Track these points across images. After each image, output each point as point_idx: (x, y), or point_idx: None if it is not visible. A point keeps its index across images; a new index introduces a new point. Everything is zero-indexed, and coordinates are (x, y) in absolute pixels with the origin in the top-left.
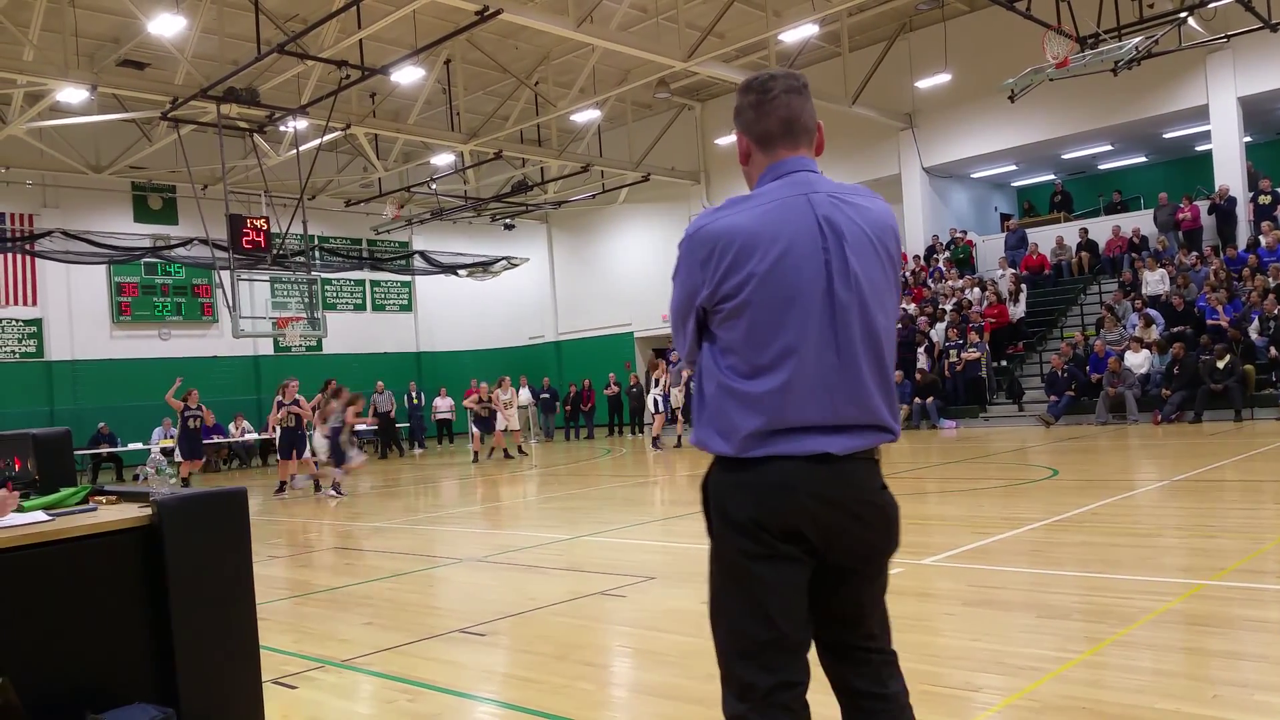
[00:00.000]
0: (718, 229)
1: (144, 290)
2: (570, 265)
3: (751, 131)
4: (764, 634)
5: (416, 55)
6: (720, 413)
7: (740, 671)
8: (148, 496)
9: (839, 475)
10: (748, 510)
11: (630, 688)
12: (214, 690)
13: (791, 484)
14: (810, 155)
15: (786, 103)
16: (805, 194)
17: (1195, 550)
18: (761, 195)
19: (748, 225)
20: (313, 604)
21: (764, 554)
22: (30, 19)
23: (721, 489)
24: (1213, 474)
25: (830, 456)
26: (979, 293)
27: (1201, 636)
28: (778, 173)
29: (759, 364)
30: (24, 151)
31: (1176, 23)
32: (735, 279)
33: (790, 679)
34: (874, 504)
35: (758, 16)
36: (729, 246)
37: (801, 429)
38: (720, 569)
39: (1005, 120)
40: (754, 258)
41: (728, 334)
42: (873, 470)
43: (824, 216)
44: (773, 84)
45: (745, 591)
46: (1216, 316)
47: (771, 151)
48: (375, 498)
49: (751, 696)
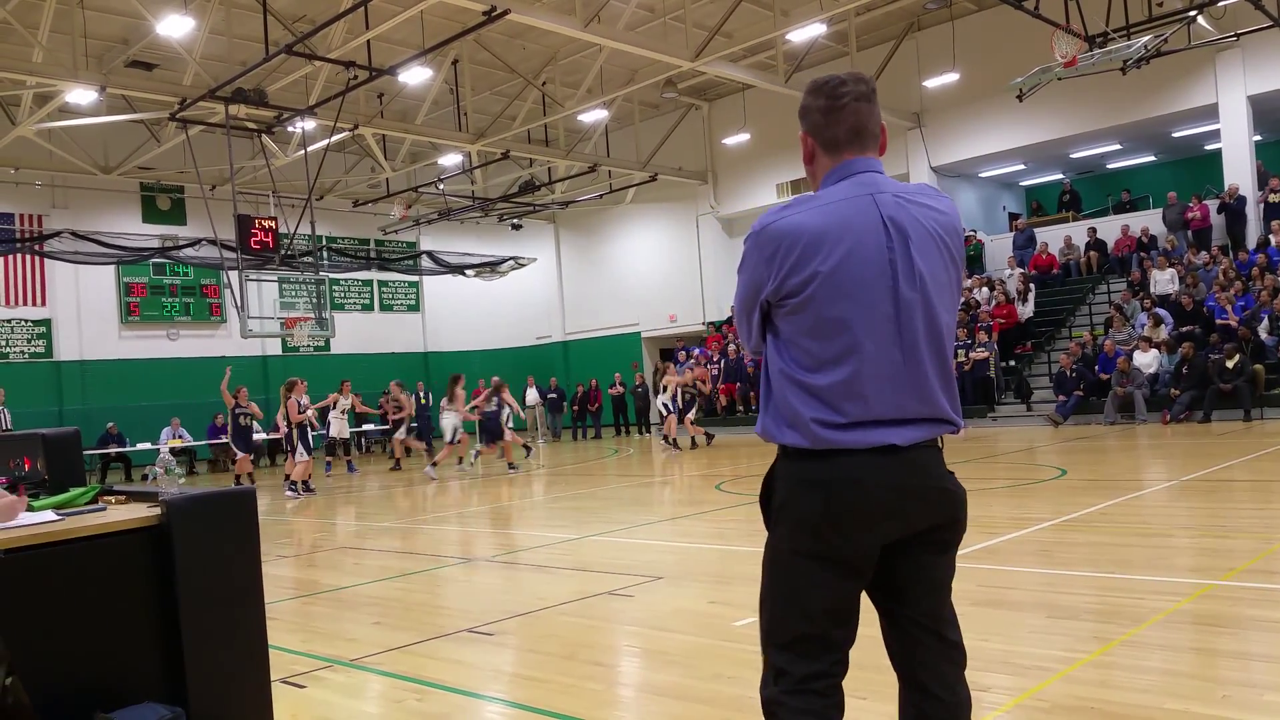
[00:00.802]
0: (784, 226)
1: (152, 290)
2: (577, 265)
3: (819, 135)
4: (804, 629)
5: (424, 55)
6: (785, 404)
7: (776, 659)
8: (157, 496)
9: (906, 464)
10: (816, 506)
11: (638, 687)
12: (223, 689)
13: (859, 476)
14: (876, 156)
15: (855, 109)
16: (871, 194)
17: (1205, 550)
18: (827, 195)
19: (814, 223)
20: (321, 603)
21: (820, 553)
22: (40, 20)
23: (788, 485)
24: (1222, 474)
25: (895, 448)
26: (987, 292)
27: (1211, 637)
28: (844, 173)
29: (823, 358)
30: (33, 152)
31: (1186, 21)
32: (800, 275)
33: (827, 669)
34: (942, 489)
35: (765, 16)
36: (795, 244)
37: (867, 422)
38: (773, 559)
39: (1013, 119)
40: (819, 255)
41: (792, 328)
42: (937, 457)
43: (889, 216)
44: (843, 90)
45: (792, 587)
46: (1226, 316)
47: (838, 155)
48: (383, 497)
49: (785, 681)
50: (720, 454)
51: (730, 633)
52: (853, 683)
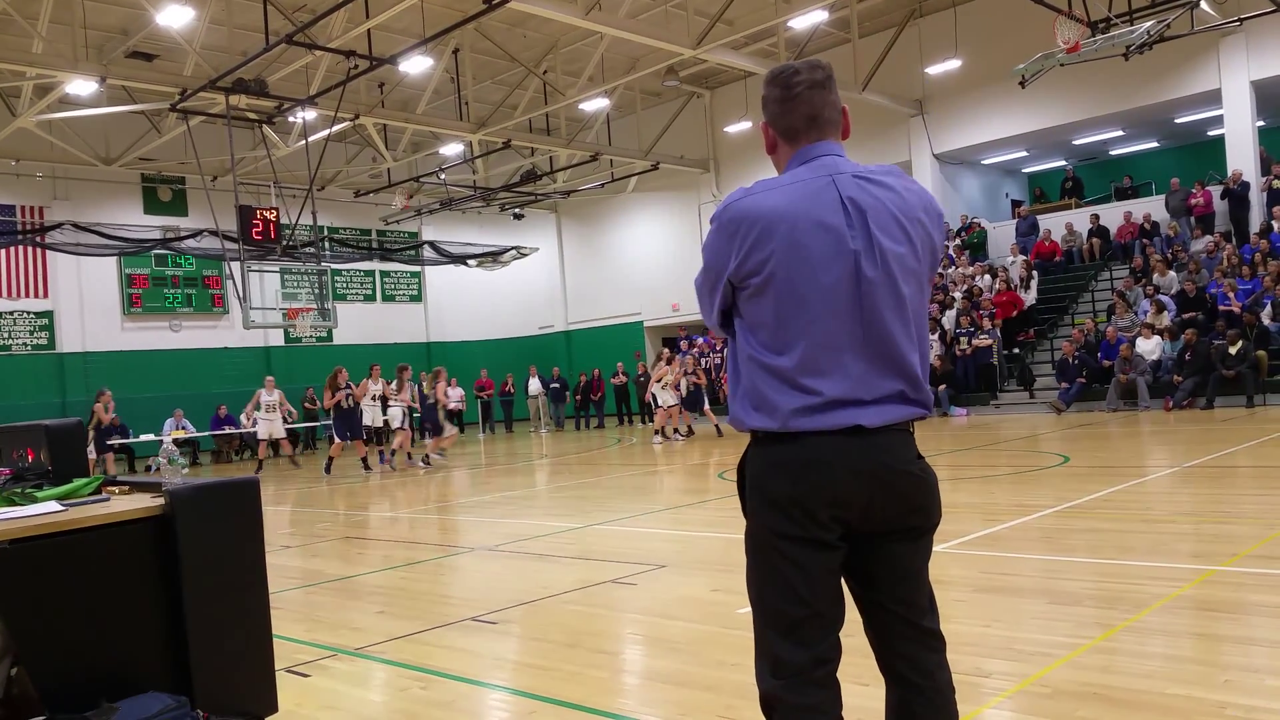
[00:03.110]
0: (744, 206)
1: (154, 282)
2: (579, 254)
3: (777, 125)
4: (797, 610)
5: (425, 44)
6: (753, 388)
7: (775, 648)
8: (160, 487)
9: (873, 447)
10: (784, 488)
11: (642, 675)
12: (227, 679)
13: (826, 458)
14: (837, 140)
15: (809, 98)
16: (830, 175)
17: (1207, 536)
18: (788, 177)
19: (773, 204)
20: (325, 593)
21: (797, 534)
22: (39, 11)
23: (758, 466)
24: (1225, 460)
25: (862, 429)
26: (990, 279)
27: (1214, 622)
28: (804, 158)
29: (787, 338)
30: (34, 144)
31: (1189, 6)
32: (759, 255)
33: (822, 655)
34: (910, 474)
35: (767, 3)
36: (754, 224)
37: (833, 402)
38: (755, 547)
39: (1016, 106)
40: (776, 236)
41: (756, 311)
42: (907, 441)
43: (849, 196)
44: (796, 79)
45: (778, 570)
46: (1228, 302)
47: (796, 142)
48: (387, 487)
49: (785, 673)
50: (726, 443)
51: (733, 620)
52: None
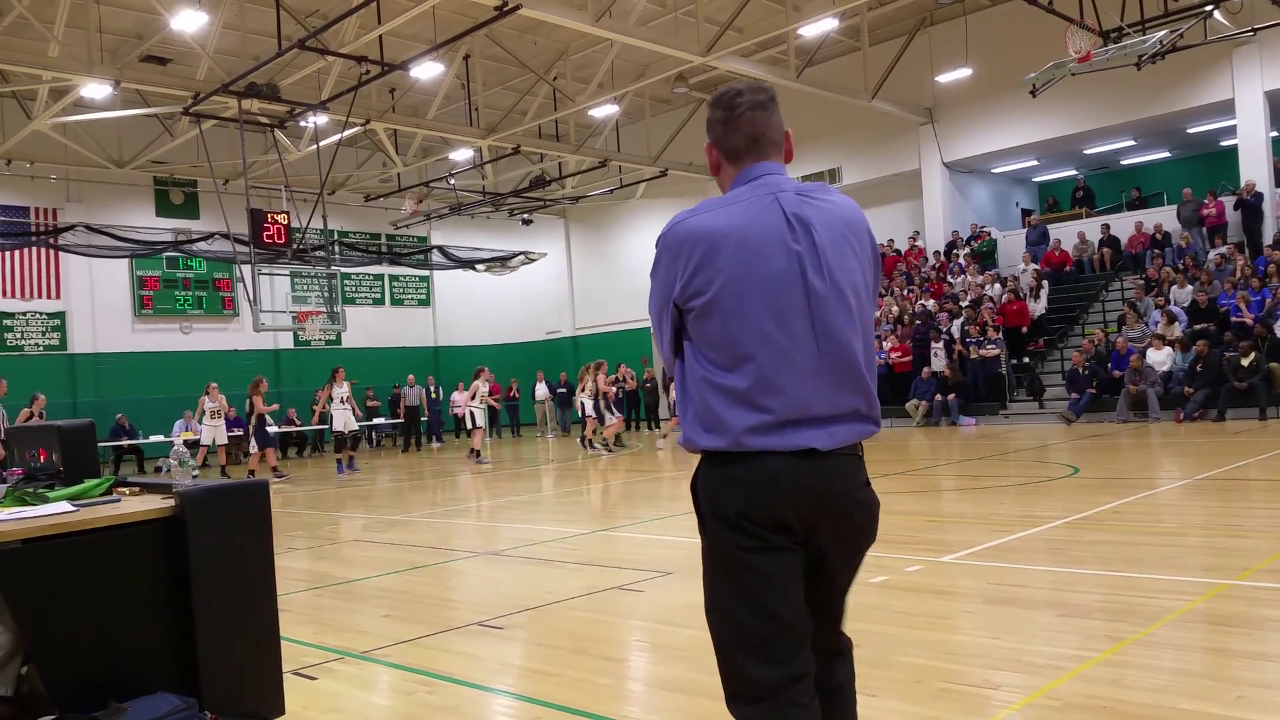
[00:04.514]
0: (689, 226)
1: (165, 284)
2: (587, 260)
3: (721, 146)
4: (765, 626)
5: (436, 50)
6: (705, 408)
7: (748, 669)
8: (170, 488)
9: (825, 471)
10: (737, 505)
11: (647, 682)
12: (235, 680)
13: (779, 479)
14: (779, 162)
15: (751, 119)
16: (773, 193)
17: (1219, 550)
18: (732, 197)
19: (716, 224)
20: (332, 596)
21: (756, 546)
22: (55, 15)
23: (710, 485)
24: (1237, 473)
25: (815, 452)
26: (999, 288)
27: (1225, 637)
28: (746, 178)
29: (738, 355)
30: (48, 146)
31: (1202, 16)
32: (704, 275)
33: (797, 671)
34: (858, 500)
35: (777, 10)
36: (698, 244)
37: (785, 422)
38: (714, 564)
39: (1027, 115)
40: (723, 254)
41: (704, 330)
42: (857, 466)
43: (793, 213)
44: (739, 100)
45: (742, 584)
46: (1241, 314)
47: (739, 163)
48: (393, 491)
49: (759, 693)
50: None
51: None
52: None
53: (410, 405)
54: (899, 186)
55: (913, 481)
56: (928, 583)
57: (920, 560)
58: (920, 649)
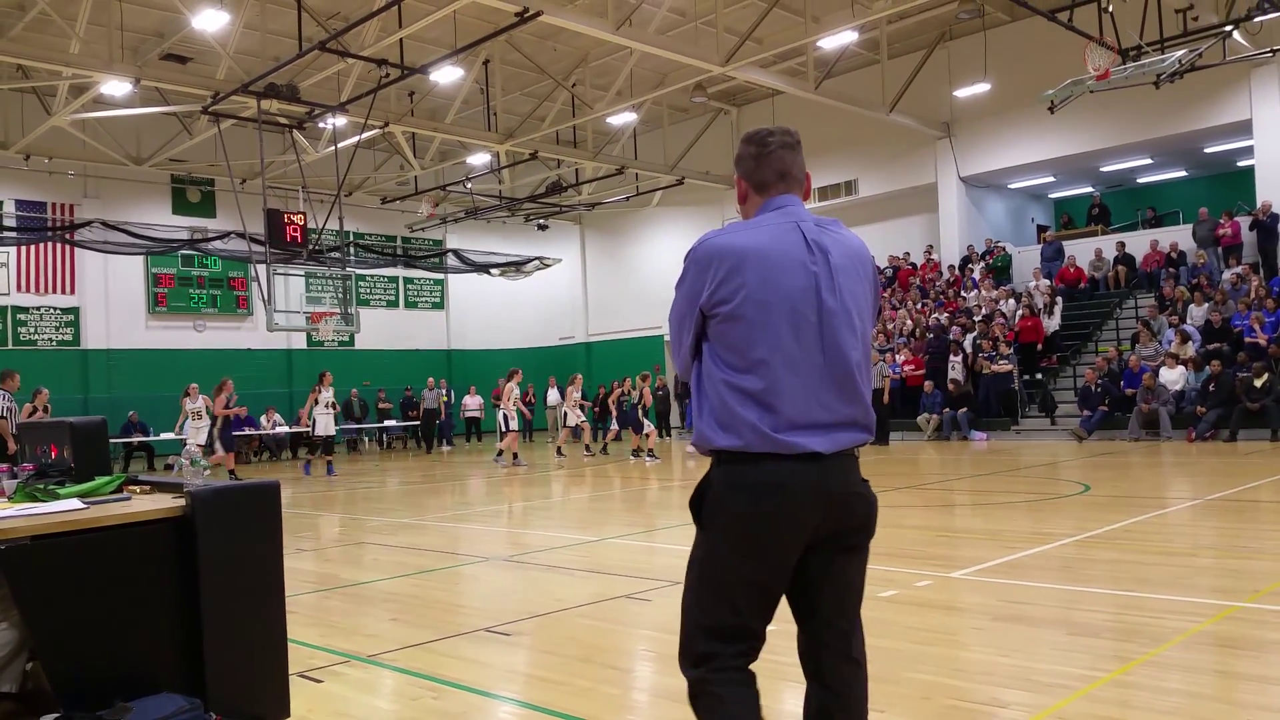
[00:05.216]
0: (718, 243)
1: (180, 282)
2: (602, 267)
3: (751, 179)
4: (728, 620)
5: (456, 55)
6: (721, 406)
7: (702, 645)
8: (181, 487)
9: (827, 471)
10: (743, 506)
11: (654, 692)
12: (241, 681)
13: (784, 483)
14: (800, 197)
15: (780, 156)
16: (795, 221)
17: (1229, 571)
18: (758, 221)
19: (744, 242)
20: (339, 598)
21: (748, 551)
22: (77, 13)
23: (721, 486)
24: (1248, 494)
25: (819, 455)
26: (1013, 304)
27: (1234, 659)
28: (771, 206)
29: (754, 359)
30: (67, 142)
31: (1221, 36)
32: (731, 286)
33: (745, 649)
34: (858, 493)
35: (797, 22)
36: (726, 258)
37: (794, 424)
38: (703, 555)
39: (1044, 131)
40: (747, 269)
41: (725, 335)
42: (854, 465)
43: (812, 239)
44: (770, 139)
45: (720, 581)
46: (1255, 334)
47: (765, 194)
48: (403, 494)
49: (708, 663)
50: None
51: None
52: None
53: (429, 408)
54: (915, 200)
55: (923, 496)
56: (937, 598)
57: (930, 575)
58: (928, 665)
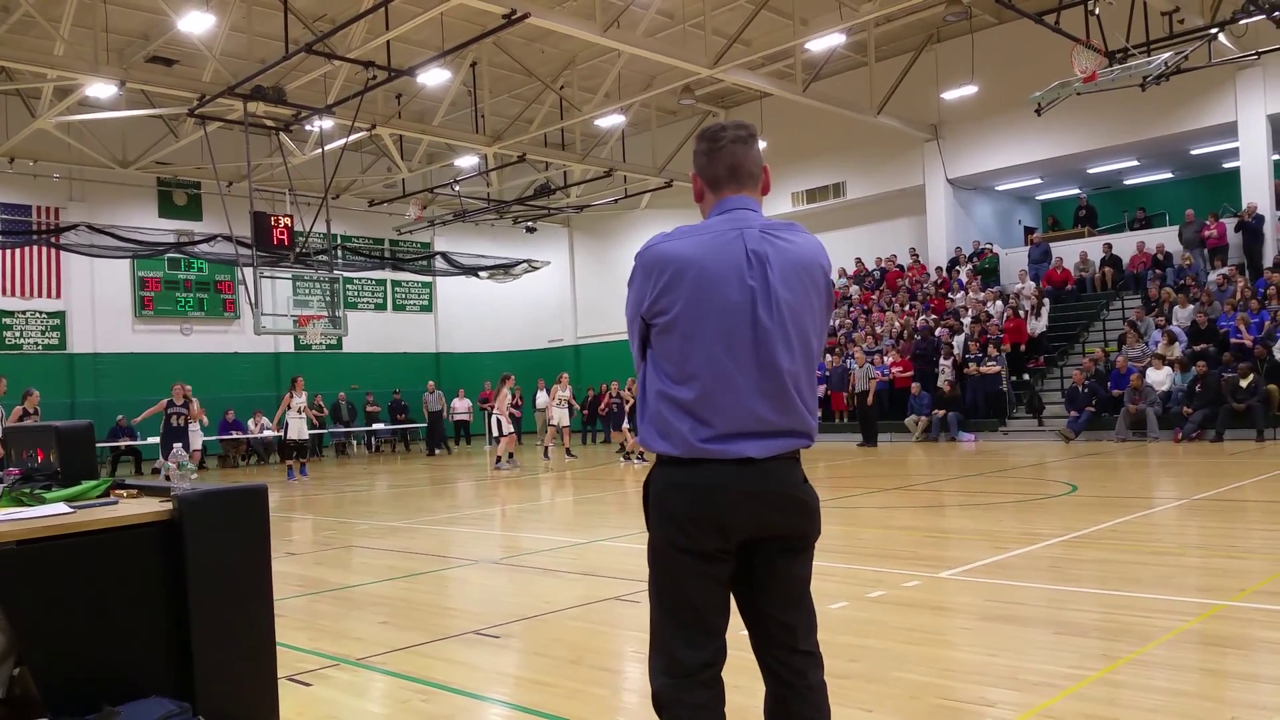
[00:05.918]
0: (662, 250)
1: (167, 285)
2: (591, 269)
3: (704, 175)
4: (687, 615)
5: (443, 57)
6: (658, 415)
7: (670, 647)
8: (168, 491)
9: (762, 474)
10: (682, 507)
11: (643, 694)
12: (230, 685)
13: (721, 484)
14: (754, 196)
15: (732, 151)
16: (740, 229)
17: (1215, 570)
18: (703, 227)
19: (686, 251)
20: (328, 602)
21: (690, 547)
22: (62, 14)
23: (659, 486)
24: (1234, 494)
25: (752, 460)
26: (1000, 306)
27: (1220, 657)
28: (721, 210)
29: (689, 373)
30: (52, 145)
31: (1207, 39)
32: (670, 297)
33: (709, 659)
34: (794, 496)
35: (784, 25)
36: (667, 268)
37: (727, 434)
38: (654, 556)
39: (1031, 133)
40: (685, 282)
41: (663, 345)
42: (793, 467)
43: (752, 250)
44: (722, 134)
45: (673, 577)
46: (1241, 335)
47: (718, 192)
48: (391, 497)
49: (678, 673)
50: None
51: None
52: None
53: (433, 411)
54: (903, 202)
55: (911, 497)
56: (925, 598)
57: (918, 575)
58: (917, 665)
